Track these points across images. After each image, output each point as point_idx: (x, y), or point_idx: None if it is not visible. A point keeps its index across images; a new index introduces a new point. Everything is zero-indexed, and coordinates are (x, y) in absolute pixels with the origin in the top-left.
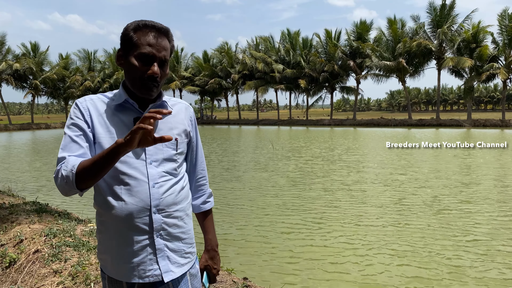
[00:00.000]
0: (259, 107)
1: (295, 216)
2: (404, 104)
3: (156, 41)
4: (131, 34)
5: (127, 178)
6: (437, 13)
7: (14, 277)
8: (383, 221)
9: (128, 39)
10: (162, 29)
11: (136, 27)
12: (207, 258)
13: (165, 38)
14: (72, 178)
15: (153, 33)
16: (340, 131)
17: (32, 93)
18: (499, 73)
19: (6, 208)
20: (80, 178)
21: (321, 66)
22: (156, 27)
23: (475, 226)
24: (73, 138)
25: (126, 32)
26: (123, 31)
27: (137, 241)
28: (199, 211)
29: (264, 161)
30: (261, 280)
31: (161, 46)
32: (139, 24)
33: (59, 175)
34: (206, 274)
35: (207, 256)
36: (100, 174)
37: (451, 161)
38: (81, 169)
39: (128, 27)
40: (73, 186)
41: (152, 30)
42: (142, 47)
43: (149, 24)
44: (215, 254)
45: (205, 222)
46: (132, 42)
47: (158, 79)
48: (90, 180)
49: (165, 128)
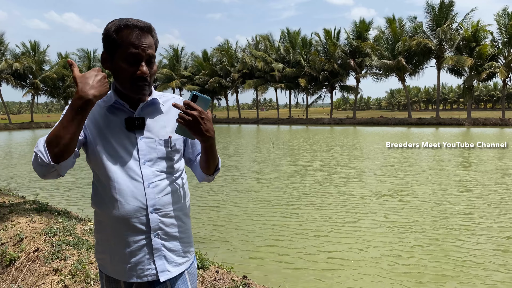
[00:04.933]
0: (259, 106)
1: (295, 216)
2: (404, 103)
3: (140, 40)
4: (114, 36)
5: (121, 179)
6: (436, 12)
7: (14, 275)
8: (384, 222)
9: (111, 41)
10: (144, 27)
11: (117, 28)
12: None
13: (148, 35)
14: (44, 150)
15: (136, 32)
16: (340, 130)
17: (31, 92)
18: (498, 72)
19: (6, 207)
20: (51, 146)
21: (320, 65)
22: (138, 26)
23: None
24: None
25: (108, 34)
26: (104, 32)
27: (135, 241)
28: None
29: (264, 161)
30: (261, 278)
31: (146, 44)
32: (120, 24)
33: (33, 156)
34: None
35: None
36: (68, 135)
37: (451, 161)
38: (50, 137)
39: (109, 28)
40: (47, 160)
41: (134, 30)
42: (127, 48)
43: (130, 24)
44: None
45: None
46: (116, 44)
47: (147, 78)
48: (61, 145)
49: (157, 127)
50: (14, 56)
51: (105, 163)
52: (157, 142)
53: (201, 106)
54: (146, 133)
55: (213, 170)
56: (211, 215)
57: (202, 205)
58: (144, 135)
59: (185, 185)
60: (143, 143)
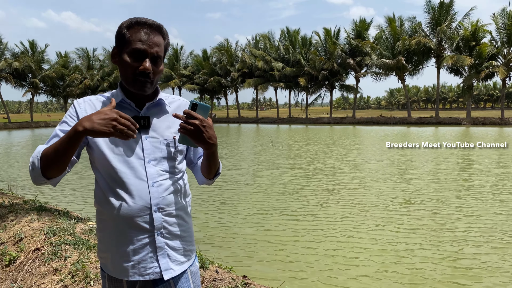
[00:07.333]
0: (258, 105)
1: (295, 216)
2: (404, 102)
3: (148, 37)
4: (124, 31)
5: (126, 178)
6: (435, 11)
7: (14, 275)
8: (385, 223)
9: (121, 36)
10: (154, 25)
11: (129, 25)
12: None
13: (157, 34)
14: (37, 164)
15: (144, 29)
16: (339, 129)
17: (31, 91)
18: (498, 71)
19: (6, 207)
20: (44, 164)
21: (320, 64)
22: (147, 23)
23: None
24: (57, 132)
25: (120, 30)
26: (118, 29)
27: (138, 240)
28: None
29: (264, 160)
30: (261, 278)
31: (153, 42)
32: (132, 21)
33: (30, 161)
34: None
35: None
36: (60, 160)
37: (453, 162)
38: (44, 154)
39: (122, 24)
40: (39, 173)
41: (144, 27)
42: (134, 44)
43: (141, 21)
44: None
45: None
46: (125, 39)
47: (150, 75)
48: (53, 166)
49: (163, 127)
50: (14, 55)
51: (110, 161)
52: (161, 142)
53: (201, 114)
54: (151, 132)
55: (214, 174)
56: (211, 215)
57: (202, 205)
58: (149, 135)
59: (187, 185)
60: (148, 142)
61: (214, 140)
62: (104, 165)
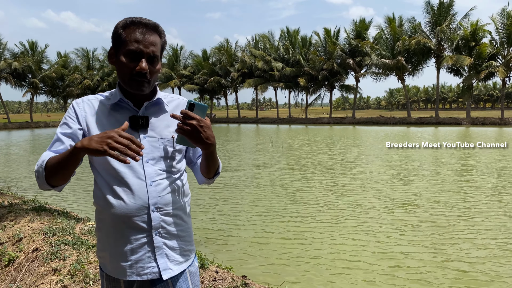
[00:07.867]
0: (258, 105)
1: (295, 217)
2: (403, 102)
3: (143, 37)
4: (120, 31)
5: (124, 177)
6: (435, 11)
7: (13, 275)
8: (385, 223)
9: (117, 36)
10: (149, 24)
11: (124, 25)
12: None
13: (153, 33)
14: (41, 172)
15: (140, 29)
16: (339, 130)
17: (31, 91)
18: (498, 71)
19: (5, 207)
20: (48, 174)
21: (320, 64)
22: (143, 22)
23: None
24: (59, 136)
25: (116, 30)
26: (113, 29)
27: (136, 239)
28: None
29: (264, 160)
30: (260, 278)
31: (149, 41)
32: (127, 21)
33: (36, 167)
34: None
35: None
36: (63, 172)
37: (452, 162)
38: (48, 165)
39: (117, 25)
40: (43, 181)
41: (139, 26)
42: (129, 44)
43: (136, 21)
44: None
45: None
46: (121, 40)
47: (147, 75)
48: (56, 176)
49: (161, 126)
50: (13, 56)
51: (108, 160)
52: (160, 142)
53: (199, 114)
54: (149, 132)
55: (213, 174)
56: (211, 215)
57: (202, 206)
58: (147, 134)
59: (186, 185)
60: (146, 141)
61: (212, 140)
62: (102, 164)
